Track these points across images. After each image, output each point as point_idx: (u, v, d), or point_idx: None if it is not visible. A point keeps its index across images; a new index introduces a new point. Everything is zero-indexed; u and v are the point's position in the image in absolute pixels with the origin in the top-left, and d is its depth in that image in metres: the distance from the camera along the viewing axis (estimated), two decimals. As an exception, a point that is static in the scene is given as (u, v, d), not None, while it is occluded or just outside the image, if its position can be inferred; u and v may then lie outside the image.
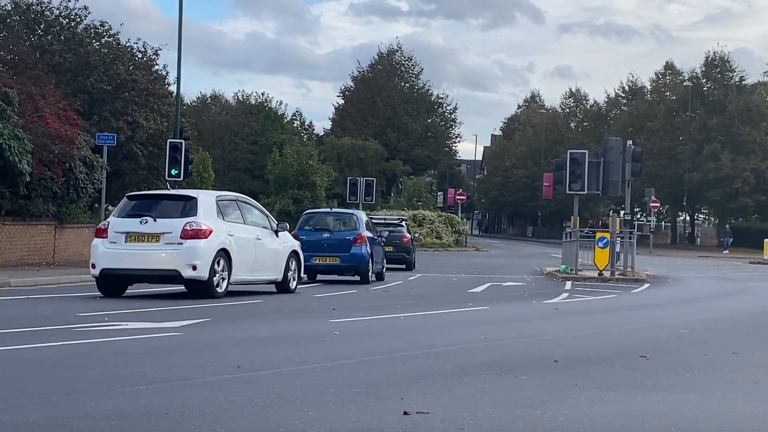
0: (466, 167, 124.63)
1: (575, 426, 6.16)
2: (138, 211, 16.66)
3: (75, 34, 36.07)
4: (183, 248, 16.06)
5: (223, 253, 16.55)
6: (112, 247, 16.43)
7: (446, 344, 10.44)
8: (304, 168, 56.84)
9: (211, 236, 16.30)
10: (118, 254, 16.33)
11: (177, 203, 16.86)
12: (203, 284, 16.28)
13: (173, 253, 16.11)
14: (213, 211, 16.77)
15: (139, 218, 16.39)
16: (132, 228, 16.38)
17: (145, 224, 16.31)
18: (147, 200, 17.40)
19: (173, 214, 16.47)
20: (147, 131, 34.94)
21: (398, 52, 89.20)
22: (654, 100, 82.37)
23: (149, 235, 16.28)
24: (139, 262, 16.27)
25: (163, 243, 16.23)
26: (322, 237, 23.33)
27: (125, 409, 6.30)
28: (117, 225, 16.54)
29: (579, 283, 26.01)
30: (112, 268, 16.43)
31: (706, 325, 14.32)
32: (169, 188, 20.33)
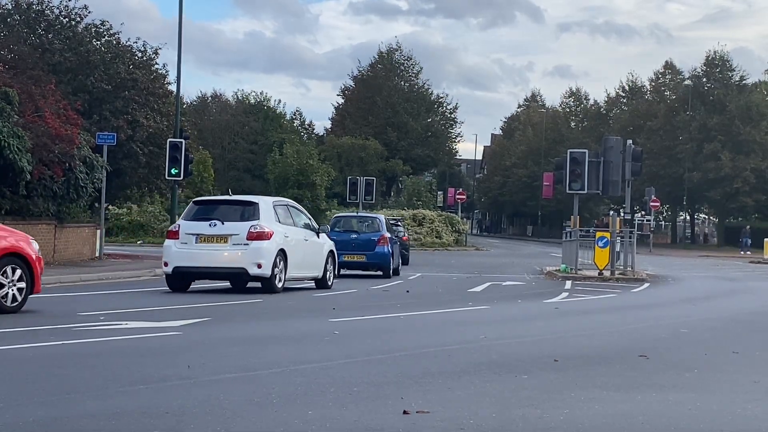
0: (466, 167, 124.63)
1: (575, 425, 6.16)
2: (205, 215, 18.50)
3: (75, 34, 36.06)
4: (249, 249, 17.96)
5: (281, 253, 18.43)
6: (183, 248, 18.19)
7: (446, 344, 10.45)
8: (304, 167, 56.86)
9: (272, 238, 18.20)
10: (189, 254, 18.09)
11: (240, 208, 18.68)
12: (266, 280, 18.19)
13: (241, 253, 17.97)
14: (271, 215, 18.60)
15: (208, 221, 18.23)
16: (202, 230, 18.18)
17: (214, 227, 18.13)
18: (212, 205, 19.12)
19: (238, 218, 18.32)
20: (147, 130, 34.94)
21: (398, 51, 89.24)
22: (654, 100, 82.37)
23: (218, 236, 18.12)
24: (210, 261, 18.06)
25: (230, 244, 18.06)
26: (350, 237, 26.03)
27: (125, 408, 6.30)
28: (187, 227, 18.34)
29: (579, 283, 26.01)
30: (184, 266, 18.19)
31: (706, 325, 14.32)
32: (229, 194, 22.35)
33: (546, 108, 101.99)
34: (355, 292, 20.06)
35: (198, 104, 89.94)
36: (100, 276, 22.35)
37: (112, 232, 47.64)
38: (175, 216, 33.60)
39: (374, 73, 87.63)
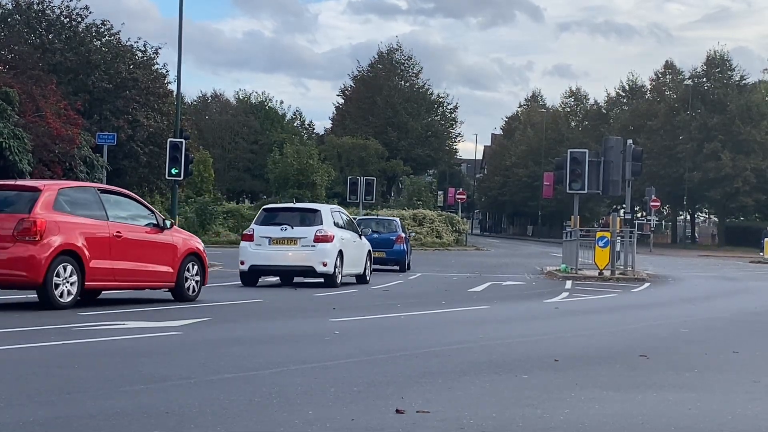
0: (467, 166, 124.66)
1: (575, 425, 6.16)
2: (275, 220, 21.27)
3: (76, 34, 36.11)
4: (316, 249, 20.69)
5: (340, 253, 21.05)
6: (258, 249, 20.81)
7: (446, 343, 10.45)
8: (304, 167, 56.87)
9: (334, 240, 20.87)
10: (265, 254, 20.76)
11: (306, 214, 21.52)
12: (330, 276, 20.82)
13: (309, 253, 20.66)
14: (331, 220, 21.32)
15: (279, 226, 20.95)
16: (274, 234, 20.88)
17: (285, 231, 20.83)
18: (280, 212, 21.99)
19: (304, 223, 21.07)
20: (147, 130, 34.99)
21: (398, 51, 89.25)
22: (654, 100, 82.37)
23: (289, 239, 20.85)
24: (282, 260, 20.81)
25: (300, 245, 20.78)
26: (371, 237, 27.69)
27: (125, 408, 6.31)
28: (261, 231, 21.02)
29: (579, 283, 26.01)
30: (259, 265, 20.80)
31: (706, 325, 14.32)
32: (293, 202, 28.04)
33: (546, 108, 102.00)
34: (355, 291, 20.07)
35: (198, 104, 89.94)
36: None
37: (113, 232, 47.51)
38: (175, 216, 33.64)
39: (374, 73, 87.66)
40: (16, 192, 14.05)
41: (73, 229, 13.76)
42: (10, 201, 13.82)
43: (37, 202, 13.50)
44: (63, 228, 13.57)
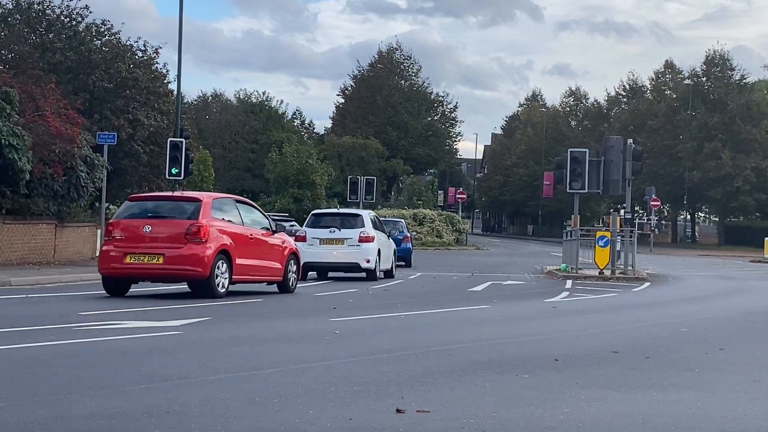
0: (467, 166, 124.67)
1: (576, 425, 6.16)
2: (323, 224, 24.62)
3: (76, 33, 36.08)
4: (360, 248, 23.94)
5: (378, 252, 24.31)
6: (311, 248, 23.78)
7: (446, 343, 10.45)
8: (303, 167, 56.86)
9: (374, 241, 24.18)
10: (315, 252, 23.93)
11: (349, 218, 24.85)
12: (371, 272, 24.05)
13: (355, 252, 23.92)
14: (370, 223, 24.68)
15: (328, 229, 24.32)
16: (324, 236, 24.24)
17: (333, 233, 24.20)
18: (327, 216, 25.47)
19: (349, 226, 24.37)
20: (148, 129, 34.95)
21: (398, 50, 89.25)
22: (654, 99, 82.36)
23: (337, 239, 24.18)
24: (332, 258, 24.08)
25: (347, 245, 24.05)
26: None
27: (126, 408, 6.31)
28: (312, 233, 24.25)
29: (579, 282, 26.01)
30: (311, 262, 23.70)
31: (706, 324, 14.32)
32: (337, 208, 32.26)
33: (546, 107, 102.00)
34: (355, 291, 20.07)
35: (199, 104, 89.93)
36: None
37: (113, 232, 47.54)
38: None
39: (374, 73, 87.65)
40: (181, 202, 17.09)
41: (224, 232, 16.79)
42: (177, 210, 16.80)
43: (200, 211, 16.44)
44: (219, 231, 16.61)
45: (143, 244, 16.24)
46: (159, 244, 16.23)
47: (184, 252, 16.10)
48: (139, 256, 16.21)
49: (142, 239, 16.28)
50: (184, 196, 17.95)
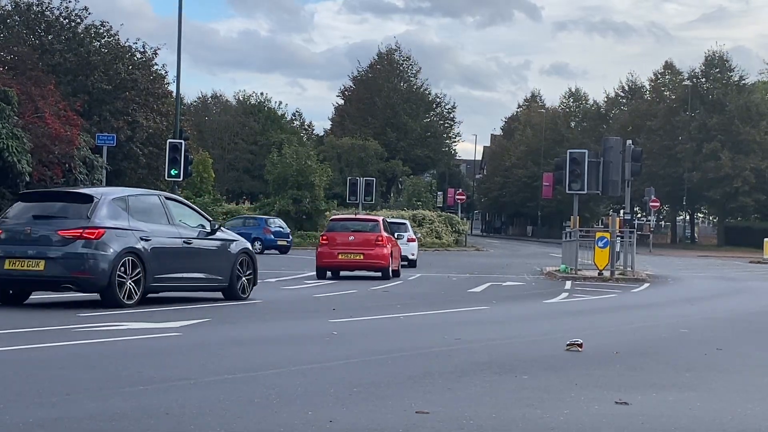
0: (466, 167, 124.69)
1: (575, 425, 6.16)
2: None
3: (75, 35, 36.09)
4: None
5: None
6: None
7: (446, 344, 10.44)
8: (302, 168, 56.86)
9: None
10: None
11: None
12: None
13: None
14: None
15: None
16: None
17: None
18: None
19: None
20: (147, 131, 34.98)
21: (397, 51, 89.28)
22: (653, 100, 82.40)
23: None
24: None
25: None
26: None
27: (125, 409, 6.30)
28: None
29: (579, 283, 26.00)
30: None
31: (706, 325, 14.32)
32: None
33: (545, 108, 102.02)
34: (355, 292, 20.06)
35: (198, 105, 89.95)
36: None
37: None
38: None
39: (373, 74, 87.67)
40: (368, 222, 26.88)
41: None
42: (368, 228, 26.24)
43: (380, 228, 26.06)
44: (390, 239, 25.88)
45: None
46: None
47: (376, 253, 25.36)
48: None
49: None
50: (370, 217, 25.87)
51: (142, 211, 15.01)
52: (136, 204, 15.02)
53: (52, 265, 13.90)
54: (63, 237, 13.95)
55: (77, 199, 14.72)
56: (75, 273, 13.91)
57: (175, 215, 15.63)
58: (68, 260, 13.87)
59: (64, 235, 13.95)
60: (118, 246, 14.10)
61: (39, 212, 14.47)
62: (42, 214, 14.40)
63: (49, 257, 13.92)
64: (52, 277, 13.99)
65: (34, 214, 14.44)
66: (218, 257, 16.12)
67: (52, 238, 14.02)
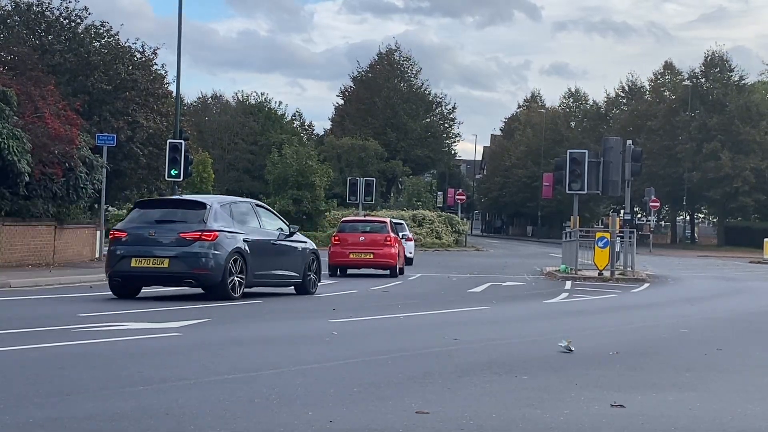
0: (466, 167, 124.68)
1: (575, 426, 6.16)
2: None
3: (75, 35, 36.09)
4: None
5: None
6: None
7: (446, 344, 10.45)
8: (303, 168, 56.87)
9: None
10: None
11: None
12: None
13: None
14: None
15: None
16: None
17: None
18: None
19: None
20: (147, 131, 34.95)
21: (397, 51, 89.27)
22: (653, 100, 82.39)
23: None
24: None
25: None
26: None
27: (125, 409, 6.30)
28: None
29: (579, 283, 26.00)
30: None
31: (706, 325, 14.33)
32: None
33: (546, 108, 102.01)
34: (355, 292, 20.06)
35: (198, 105, 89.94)
36: (100, 277, 22.27)
37: (112, 233, 47.61)
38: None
39: (373, 74, 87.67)
40: (375, 224, 28.25)
41: None
42: (377, 229, 27.67)
43: (388, 229, 27.50)
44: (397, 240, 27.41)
45: None
46: None
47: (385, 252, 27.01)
48: None
49: None
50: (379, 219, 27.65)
51: (241, 216, 17.17)
52: (236, 210, 17.29)
53: (176, 263, 15.97)
54: (184, 239, 16.02)
55: (192, 206, 16.81)
56: (195, 270, 15.99)
57: (263, 219, 17.84)
58: (189, 259, 15.95)
59: (185, 237, 16.03)
60: (228, 246, 16.21)
61: (160, 217, 16.58)
62: (163, 219, 16.50)
63: (172, 256, 15.98)
64: (176, 273, 16.07)
65: (156, 219, 16.55)
66: (295, 256, 18.27)
67: (175, 239, 16.11)
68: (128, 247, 16.23)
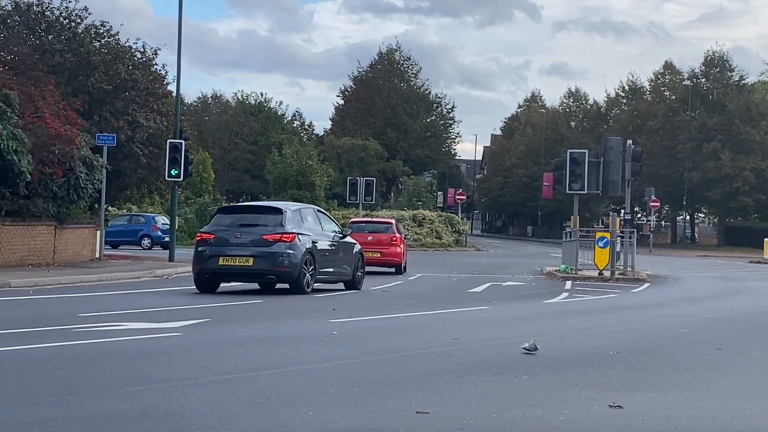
0: (466, 167, 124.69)
1: (575, 426, 6.16)
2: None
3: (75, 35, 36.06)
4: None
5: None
6: None
7: (446, 344, 10.45)
8: (303, 168, 56.87)
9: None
10: None
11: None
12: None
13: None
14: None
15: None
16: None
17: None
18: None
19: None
20: (147, 131, 34.91)
21: (397, 51, 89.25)
22: (654, 100, 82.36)
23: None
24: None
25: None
26: None
27: (125, 409, 6.31)
28: None
29: (579, 283, 26.00)
30: None
31: (706, 325, 14.33)
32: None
33: (546, 108, 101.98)
34: (355, 292, 20.06)
35: (198, 105, 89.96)
36: (100, 277, 22.35)
37: (112, 233, 47.66)
38: (174, 217, 33.60)
39: (374, 74, 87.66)
40: (381, 224, 28.83)
41: None
42: (383, 229, 28.88)
43: (393, 229, 28.36)
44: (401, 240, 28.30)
45: None
46: None
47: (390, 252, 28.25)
48: None
49: None
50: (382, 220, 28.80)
51: (308, 220, 19.28)
52: (304, 214, 19.48)
53: (260, 262, 18.04)
54: (266, 240, 18.08)
55: (270, 212, 19.01)
56: (277, 267, 18.08)
57: (323, 223, 20.00)
58: (271, 258, 18.03)
59: (267, 239, 18.09)
60: (302, 247, 18.30)
61: (243, 222, 18.75)
62: (246, 223, 18.67)
63: (256, 255, 18.03)
64: (260, 270, 18.16)
65: (240, 223, 18.71)
66: (348, 256, 20.33)
67: (257, 241, 18.13)
68: (215, 247, 18.19)
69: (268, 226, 18.33)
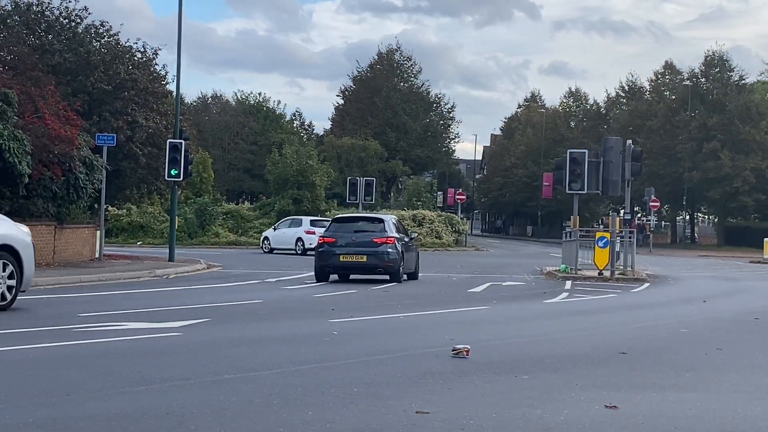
0: (466, 167, 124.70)
1: (575, 426, 6.16)
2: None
3: (75, 35, 36.05)
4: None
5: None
6: None
7: (446, 344, 10.45)
8: (303, 168, 56.87)
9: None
10: None
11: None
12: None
13: None
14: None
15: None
16: None
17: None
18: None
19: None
20: (146, 131, 34.91)
21: (397, 51, 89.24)
22: (653, 100, 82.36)
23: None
24: None
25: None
26: None
27: (125, 409, 6.31)
28: None
29: (579, 283, 26.00)
30: None
31: (706, 325, 14.33)
32: None
33: (545, 108, 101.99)
34: (355, 292, 20.07)
35: (198, 105, 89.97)
36: (100, 277, 22.36)
37: (112, 233, 47.68)
38: (174, 216, 33.61)
39: (373, 74, 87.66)
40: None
41: None
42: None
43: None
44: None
45: None
46: None
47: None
48: None
49: None
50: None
51: (397, 228, 24.81)
52: (395, 223, 25.03)
53: (372, 259, 23.40)
54: (376, 242, 23.48)
55: (375, 221, 24.75)
56: (384, 263, 23.37)
57: (402, 230, 25.32)
58: (381, 255, 23.38)
59: (377, 241, 23.49)
60: (399, 248, 23.61)
61: (356, 228, 24.19)
62: (359, 229, 24.10)
63: (369, 254, 23.37)
64: (372, 265, 23.48)
65: (354, 229, 24.12)
66: (413, 255, 25.28)
67: (369, 243, 23.48)
68: (338, 248, 23.34)
69: (376, 231, 23.72)
